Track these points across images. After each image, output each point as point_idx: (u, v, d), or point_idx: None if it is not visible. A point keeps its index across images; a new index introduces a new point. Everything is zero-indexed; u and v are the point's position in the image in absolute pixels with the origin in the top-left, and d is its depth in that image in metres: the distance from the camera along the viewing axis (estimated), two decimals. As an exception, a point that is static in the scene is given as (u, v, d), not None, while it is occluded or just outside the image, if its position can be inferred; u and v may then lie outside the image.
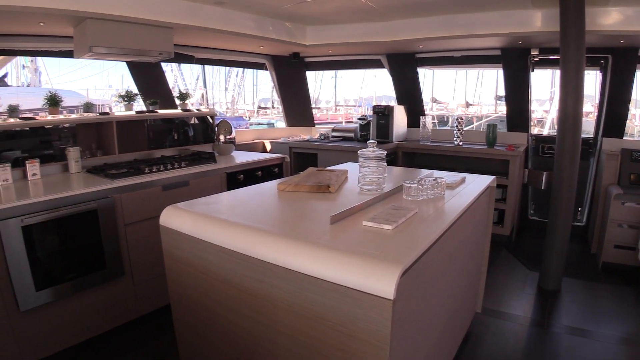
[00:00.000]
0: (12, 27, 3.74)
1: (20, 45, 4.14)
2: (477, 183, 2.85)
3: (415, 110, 6.21)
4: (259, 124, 14.84)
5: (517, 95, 5.53)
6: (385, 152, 2.53)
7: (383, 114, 5.78)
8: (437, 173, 3.01)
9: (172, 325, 2.52)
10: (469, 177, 3.00)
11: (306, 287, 1.64)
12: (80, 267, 3.05)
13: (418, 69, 6.11)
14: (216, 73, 17.97)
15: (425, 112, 6.35)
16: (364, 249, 1.60)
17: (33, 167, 3.46)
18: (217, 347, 2.20)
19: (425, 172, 3.19)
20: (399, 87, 6.31)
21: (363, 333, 1.51)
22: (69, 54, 4.27)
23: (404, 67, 6.08)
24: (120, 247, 3.24)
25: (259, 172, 4.13)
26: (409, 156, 5.85)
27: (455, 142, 5.45)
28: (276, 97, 7.11)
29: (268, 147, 6.30)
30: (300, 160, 5.97)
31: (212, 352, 2.25)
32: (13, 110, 3.66)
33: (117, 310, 3.30)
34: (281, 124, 7.46)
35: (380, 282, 1.44)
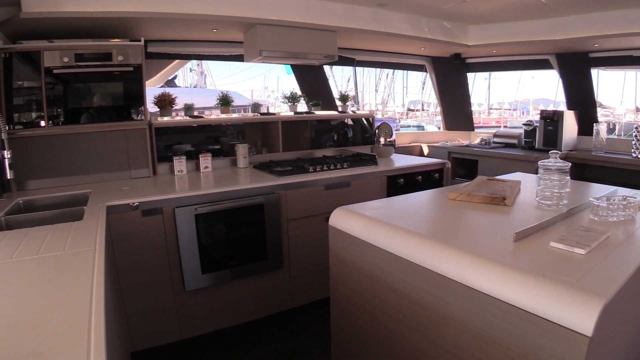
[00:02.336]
0: (188, 33, 4.08)
1: (193, 50, 4.49)
2: (673, 205, 2.51)
3: (586, 116, 5.63)
4: (408, 126, 14.70)
5: None
6: (570, 164, 2.32)
7: (551, 119, 5.34)
8: (622, 190, 2.71)
9: (323, 320, 2.53)
10: (661, 197, 2.65)
11: (486, 309, 1.52)
12: (243, 256, 3.24)
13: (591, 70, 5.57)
14: (366, 75, 18.14)
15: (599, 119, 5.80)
16: (556, 274, 1.45)
17: (205, 161, 3.72)
18: (373, 353, 2.16)
19: (606, 188, 2.89)
20: (569, 90, 5.79)
21: (547, 367, 1.37)
22: (237, 58, 4.54)
23: (576, 68, 5.55)
24: (281, 241, 3.36)
25: (419, 177, 4.04)
26: (579, 168, 5.36)
27: (634, 154, 4.90)
28: (425, 99, 6.97)
29: (425, 151, 6.17)
30: (458, 167, 5.77)
31: (366, 356, 2.21)
32: (189, 109, 3.96)
33: (271, 299, 3.44)
34: (431, 127, 7.29)
35: (578, 314, 1.28)
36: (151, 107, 3.76)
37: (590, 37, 4.59)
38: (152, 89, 4.22)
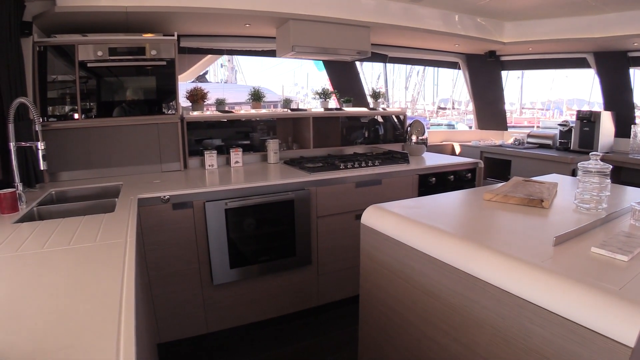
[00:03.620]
0: (220, 28, 4.07)
1: (225, 45, 4.51)
2: None
3: (624, 117, 5.47)
4: (438, 124, 14.57)
5: None
6: (611, 166, 2.24)
7: (588, 120, 5.20)
8: (665, 194, 2.62)
9: (350, 320, 2.50)
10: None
11: (523, 314, 1.47)
12: (272, 252, 3.23)
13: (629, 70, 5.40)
14: (397, 71, 18.01)
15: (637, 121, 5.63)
16: (599, 282, 1.40)
17: (236, 155, 3.72)
18: (402, 355, 2.11)
19: (644, 191, 2.80)
20: (607, 91, 5.63)
21: (586, 377, 1.32)
22: (269, 54, 4.53)
23: (614, 67, 5.39)
24: (310, 238, 3.34)
25: (451, 177, 3.97)
26: (615, 170, 5.21)
27: (674, 158, 4.75)
28: (456, 98, 6.88)
29: (457, 150, 6.09)
30: (491, 167, 5.67)
31: (394, 358, 2.18)
32: (220, 103, 3.99)
33: (299, 296, 3.43)
34: (462, 125, 7.20)
35: (621, 324, 1.22)
36: (183, 102, 3.78)
37: (630, 35, 4.45)
38: (184, 84, 4.25)
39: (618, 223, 2.09)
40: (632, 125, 5.21)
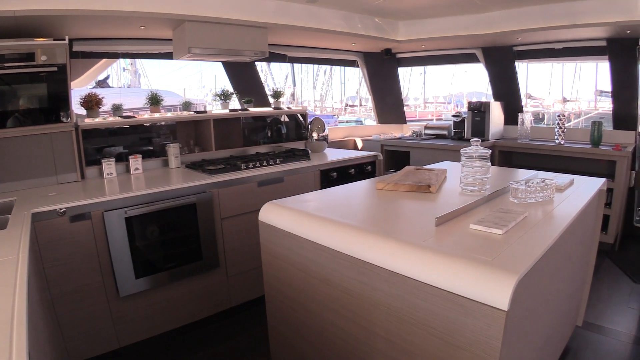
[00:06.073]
0: (115, 31, 3.95)
1: (122, 49, 4.39)
2: (587, 186, 2.64)
3: (512, 106, 5.91)
4: (347, 121, 14.81)
5: (624, 90, 5.07)
6: (490, 150, 2.41)
7: (479, 110, 5.56)
8: (542, 174, 2.84)
9: (263, 318, 2.54)
10: (577, 179, 2.79)
11: (410, 292, 1.57)
12: (178, 257, 3.18)
13: (516, 63, 5.82)
14: (304, 71, 18.12)
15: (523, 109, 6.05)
16: (475, 254, 1.51)
17: (136, 162, 3.64)
18: (310, 345, 2.18)
19: (528, 172, 3.02)
20: (495, 83, 6.03)
21: (469, 343, 1.43)
22: (167, 56, 4.45)
23: (501, 61, 5.80)
24: (216, 240, 3.33)
25: (352, 170, 4.09)
26: (506, 155, 5.59)
27: (557, 141, 5.14)
28: (364, 95, 7.07)
29: (359, 144, 6.26)
30: (392, 159, 5.90)
31: (304, 349, 2.24)
32: (117, 109, 3.86)
33: (210, 300, 3.40)
34: (370, 121, 7.41)
35: (494, 291, 1.34)
36: (79, 109, 3.63)
37: (514, 31, 4.79)
38: (81, 90, 4.08)
39: (500, 201, 2.26)
40: (520, 114, 5.61)
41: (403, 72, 6.64)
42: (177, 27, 3.82)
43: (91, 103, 3.63)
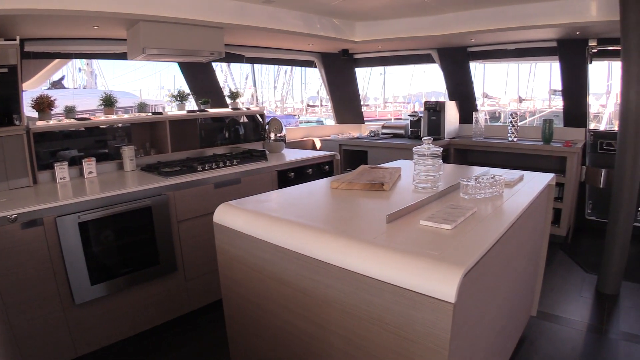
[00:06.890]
0: (67, 31, 3.86)
1: (75, 49, 4.29)
2: (536, 181, 2.74)
3: (467, 106, 6.05)
4: (308, 121, 14.85)
5: (574, 89, 5.28)
6: (441, 148, 2.46)
7: (434, 110, 5.66)
8: (494, 170, 2.92)
9: (222, 321, 2.53)
10: (527, 174, 2.88)
11: (362, 288, 1.59)
12: (134, 262, 3.13)
13: (470, 64, 5.96)
14: (265, 72, 18.07)
15: (478, 108, 6.20)
16: (423, 250, 1.55)
17: (89, 166, 3.57)
18: (269, 345, 2.19)
19: (480, 169, 3.10)
20: (450, 83, 6.17)
21: (420, 336, 1.46)
22: (122, 56, 4.38)
23: (456, 61, 5.94)
24: (173, 244, 3.29)
25: (310, 170, 4.12)
26: (461, 153, 5.72)
27: (510, 139, 5.29)
28: (324, 95, 7.10)
29: (318, 144, 6.29)
30: (350, 158, 5.95)
31: (263, 350, 2.24)
32: (70, 111, 3.78)
33: (169, 304, 3.35)
34: (330, 121, 7.46)
35: (441, 284, 1.38)
36: (31, 111, 3.54)
37: (468, 32, 4.91)
38: (34, 91, 3.98)
39: (451, 198, 2.31)
40: (474, 113, 5.73)
41: (363, 73, 6.71)
42: (132, 27, 3.76)
43: (43, 105, 3.53)
